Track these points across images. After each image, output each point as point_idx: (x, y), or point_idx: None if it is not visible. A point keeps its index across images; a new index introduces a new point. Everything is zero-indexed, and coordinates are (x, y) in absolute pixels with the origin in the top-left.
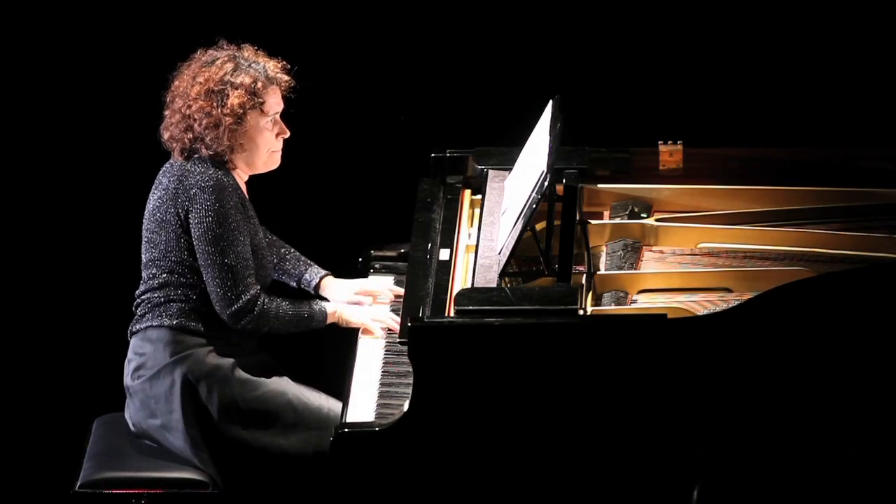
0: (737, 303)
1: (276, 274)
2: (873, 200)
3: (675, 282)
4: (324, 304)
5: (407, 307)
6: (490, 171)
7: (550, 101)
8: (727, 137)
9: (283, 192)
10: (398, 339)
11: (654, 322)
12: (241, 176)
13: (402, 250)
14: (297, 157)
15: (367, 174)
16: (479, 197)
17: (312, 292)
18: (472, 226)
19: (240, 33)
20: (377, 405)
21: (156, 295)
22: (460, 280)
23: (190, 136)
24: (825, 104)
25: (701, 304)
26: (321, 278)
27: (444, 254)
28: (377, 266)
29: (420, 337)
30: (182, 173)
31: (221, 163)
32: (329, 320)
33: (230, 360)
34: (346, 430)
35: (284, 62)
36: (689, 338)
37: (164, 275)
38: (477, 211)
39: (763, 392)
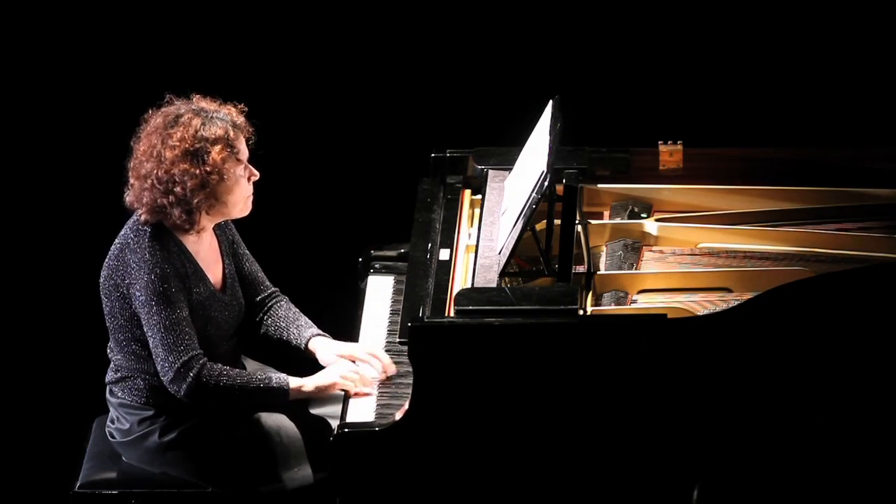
0: (737, 303)
1: (264, 329)
2: (873, 200)
3: (675, 282)
4: (285, 375)
5: (407, 307)
6: (490, 171)
7: (550, 101)
8: (727, 137)
9: (284, 192)
10: (398, 340)
11: (654, 322)
12: (207, 227)
13: (402, 250)
14: (297, 157)
15: (367, 174)
16: (479, 197)
17: (303, 347)
18: (472, 226)
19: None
20: (377, 405)
21: (124, 366)
22: (460, 280)
23: (171, 198)
24: (826, 104)
25: (701, 304)
26: (311, 336)
27: (444, 254)
28: (377, 266)
29: (420, 337)
30: (123, 243)
31: (168, 229)
32: (293, 396)
33: (202, 425)
34: (346, 430)
35: (241, 105)
36: (689, 338)
37: (125, 343)
38: (477, 211)
39: (763, 392)
